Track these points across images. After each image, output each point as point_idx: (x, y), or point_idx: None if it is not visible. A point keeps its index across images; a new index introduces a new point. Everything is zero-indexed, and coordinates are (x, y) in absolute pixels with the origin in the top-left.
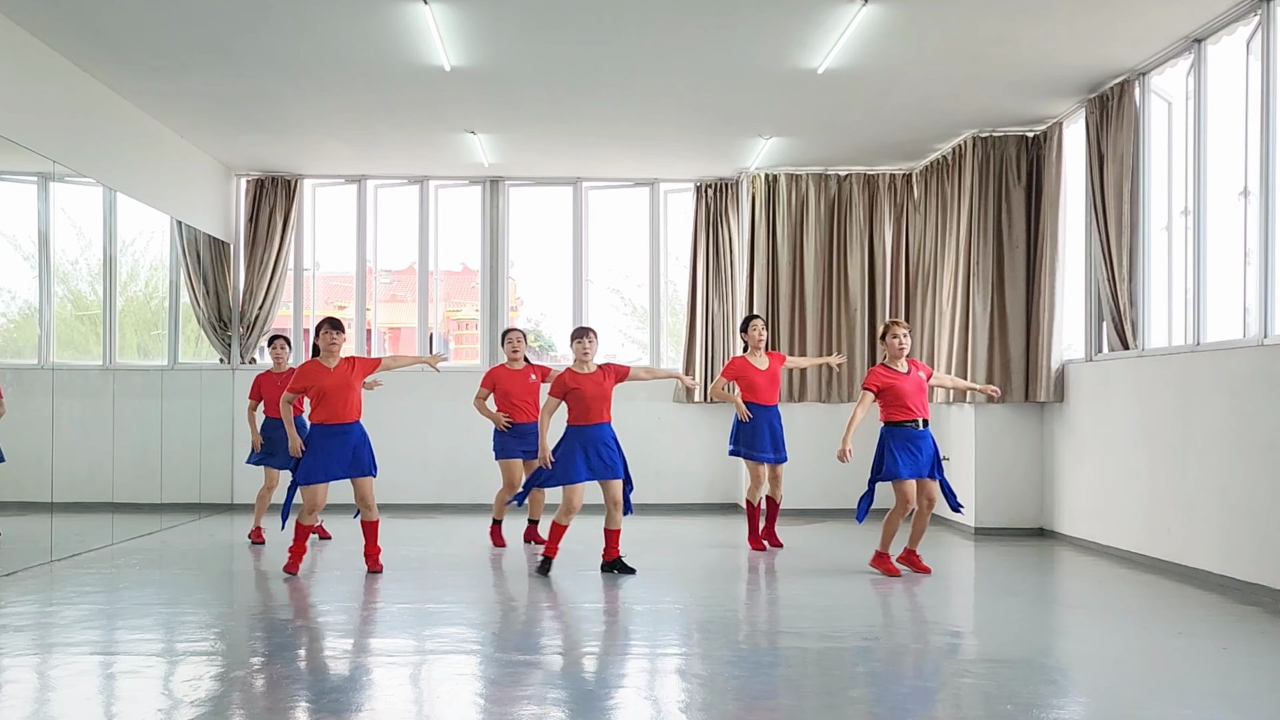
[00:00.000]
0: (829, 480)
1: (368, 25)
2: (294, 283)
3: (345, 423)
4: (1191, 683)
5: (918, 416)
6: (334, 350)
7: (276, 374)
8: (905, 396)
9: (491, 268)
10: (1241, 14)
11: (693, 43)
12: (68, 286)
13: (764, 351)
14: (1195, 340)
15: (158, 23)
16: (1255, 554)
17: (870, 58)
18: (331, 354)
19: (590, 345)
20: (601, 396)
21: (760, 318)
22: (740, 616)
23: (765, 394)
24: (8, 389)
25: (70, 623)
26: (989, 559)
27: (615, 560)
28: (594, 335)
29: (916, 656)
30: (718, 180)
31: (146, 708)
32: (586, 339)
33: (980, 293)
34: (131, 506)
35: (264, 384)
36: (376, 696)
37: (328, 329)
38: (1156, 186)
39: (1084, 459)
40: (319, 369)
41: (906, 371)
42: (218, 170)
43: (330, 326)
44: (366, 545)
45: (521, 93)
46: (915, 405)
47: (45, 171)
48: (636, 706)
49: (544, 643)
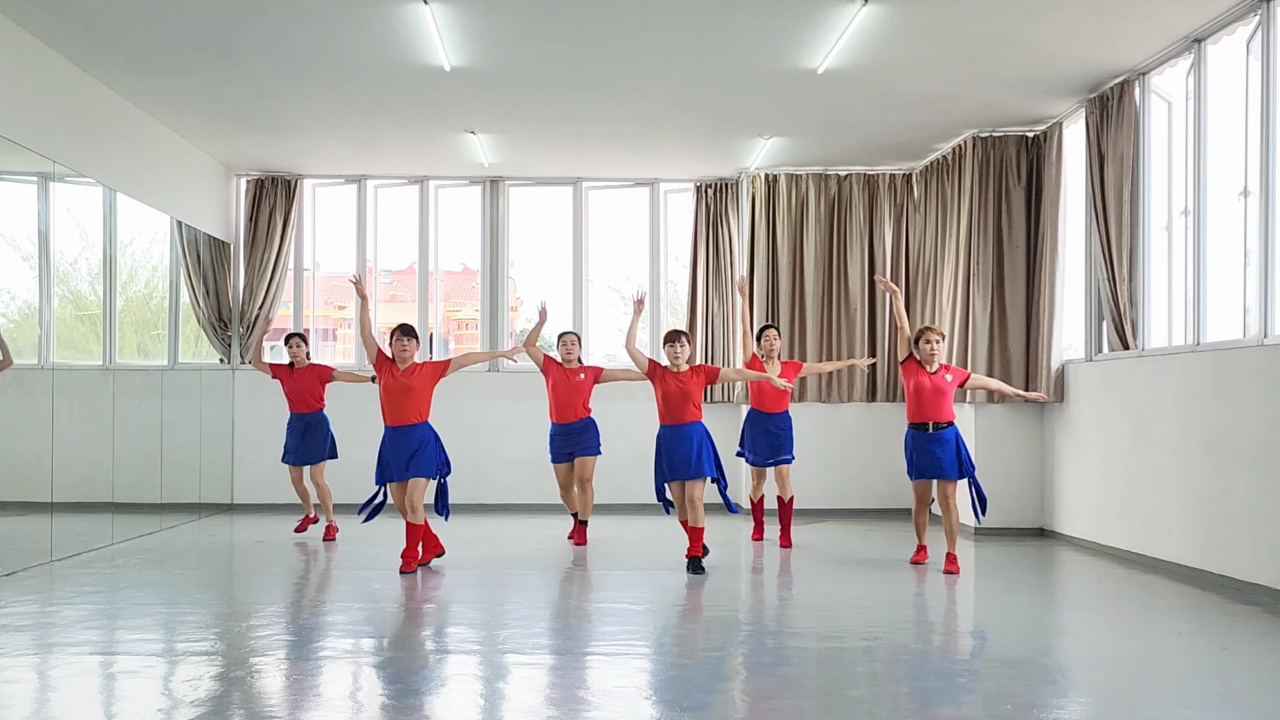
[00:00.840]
0: (832, 480)
1: (368, 25)
2: (294, 283)
3: (407, 425)
4: (1191, 683)
5: (927, 420)
6: (404, 356)
7: (298, 369)
8: (918, 395)
9: (491, 268)
10: (1241, 14)
11: (693, 43)
12: (68, 286)
13: (778, 360)
14: (1195, 340)
15: (158, 23)
16: (1255, 554)
17: (870, 58)
18: (402, 359)
19: (682, 350)
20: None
21: (774, 328)
22: (740, 616)
23: (771, 403)
24: (8, 389)
25: (70, 623)
26: (989, 559)
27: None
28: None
29: (916, 656)
30: (718, 180)
31: (146, 708)
32: (679, 343)
33: (980, 293)
34: (131, 506)
35: (282, 376)
36: (376, 696)
37: (399, 336)
38: (1156, 186)
39: (1084, 459)
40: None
41: (934, 372)
42: (218, 170)
43: (402, 334)
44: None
45: (521, 93)
46: (926, 408)
47: (45, 171)
48: (637, 706)
49: (544, 643)
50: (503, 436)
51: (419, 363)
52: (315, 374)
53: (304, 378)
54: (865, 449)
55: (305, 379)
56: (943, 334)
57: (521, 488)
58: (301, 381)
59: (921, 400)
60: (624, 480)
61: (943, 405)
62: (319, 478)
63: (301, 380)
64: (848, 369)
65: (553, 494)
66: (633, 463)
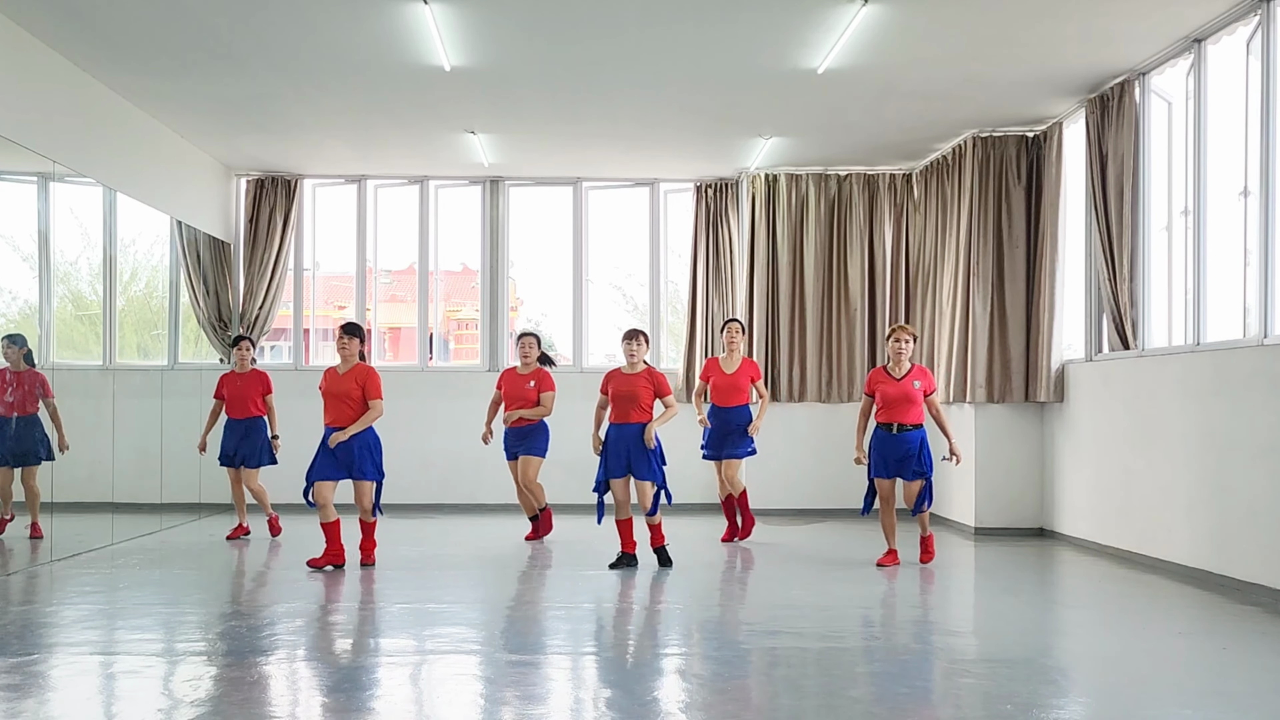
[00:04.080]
0: (827, 480)
1: (368, 25)
2: (294, 283)
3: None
4: (1191, 682)
5: (892, 421)
6: (345, 355)
7: (239, 374)
8: (887, 401)
9: (491, 268)
10: (1241, 14)
11: (693, 43)
12: (68, 286)
13: (739, 355)
14: (1195, 340)
15: (158, 23)
16: (1255, 554)
17: (870, 58)
18: (343, 359)
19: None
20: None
21: (738, 321)
22: (740, 616)
23: (724, 396)
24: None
25: (70, 623)
26: (989, 559)
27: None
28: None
29: (916, 656)
30: (718, 180)
31: (146, 708)
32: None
33: (980, 293)
34: (131, 506)
35: (225, 384)
36: (377, 697)
37: (340, 334)
38: (1156, 186)
39: (1084, 459)
40: (329, 373)
41: (900, 378)
42: (218, 170)
43: (343, 332)
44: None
45: (521, 93)
46: (896, 411)
47: (45, 171)
48: (637, 706)
49: (544, 643)
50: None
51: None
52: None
53: (247, 383)
54: None
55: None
56: (914, 334)
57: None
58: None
59: (890, 404)
60: None
61: (909, 410)
62: (253, 482)
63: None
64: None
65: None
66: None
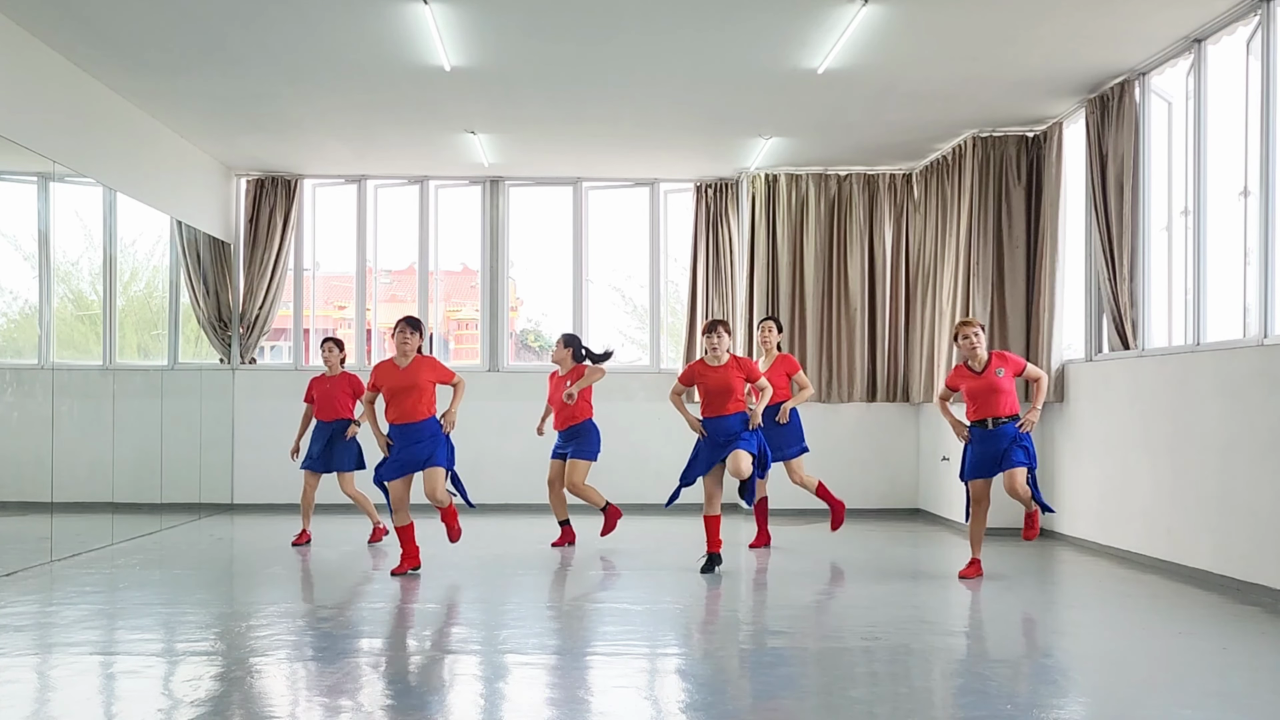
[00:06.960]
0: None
1: (368, 25)
2: (294, 283)
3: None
4: (1191, 682)
5: (986, 417)
6: (406, 350)
7: (329, 377)
8: (973, 398)
9: (491, 268)
10: (1241, 14)
11: (693, 43)
12: (68, 286)
13: (774, 354)
14: (1195, 340)
15: (158, 23)
16: (1255, 554)
17: (870, 58)
18: (403, 353)
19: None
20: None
21: (773, 319)
22: (740, 616)
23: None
24: (8, 389)
25: (70, 623)
26: (989, 559)
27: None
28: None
29: (916, 656)
30: (718, 180)
31: (146, 708)
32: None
33: (980, 293)
34: (131, 506)
35: (315, 386)
36: (377, 697)
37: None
38: (1156, 186)
39: (1084, 459)
40: (386, 369)
41: (981, 371)
42: (218, 170)
43: (407, 325)
44: None
45: (521, 93)
46: (986, 405)
47: (45, 171)
48: (637, 706)
49: (544, 643)
50: (503, 437)
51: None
52: (347, 382)
53: (336, 384)
54: (865, 449)
55: (337, 386)
56: (981, 325)
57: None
58: (333, 388)
59: (975, 398)
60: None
61: (999, 401)
62: (349, 487)
63: (333, 387)
64: None
65: None
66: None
